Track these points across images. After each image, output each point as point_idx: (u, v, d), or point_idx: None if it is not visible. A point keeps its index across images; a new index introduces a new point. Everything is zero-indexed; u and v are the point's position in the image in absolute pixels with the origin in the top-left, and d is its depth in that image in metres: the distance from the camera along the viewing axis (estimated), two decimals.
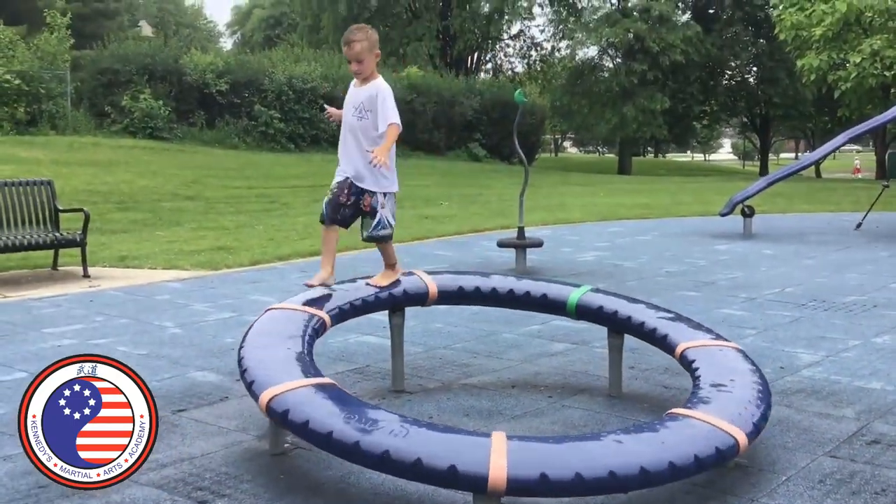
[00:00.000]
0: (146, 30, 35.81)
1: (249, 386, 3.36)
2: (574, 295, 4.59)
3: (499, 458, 2.77)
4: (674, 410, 3.37)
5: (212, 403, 4.30)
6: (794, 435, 3.88)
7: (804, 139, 63.32)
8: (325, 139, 26.09)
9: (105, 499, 3.10)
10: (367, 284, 4.44)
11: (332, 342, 5.58)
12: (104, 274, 8.52)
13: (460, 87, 31.60)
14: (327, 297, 4.20)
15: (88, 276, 8.27)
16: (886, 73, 25.78)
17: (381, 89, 4.26)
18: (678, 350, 4.06)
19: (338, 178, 4.36)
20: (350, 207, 4.35)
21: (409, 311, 4.82)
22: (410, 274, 4.65)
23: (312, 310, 4.01)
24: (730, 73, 44.47)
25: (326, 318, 4.02)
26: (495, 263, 9.17)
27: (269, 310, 4.03)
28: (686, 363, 3.97)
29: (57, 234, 8.41)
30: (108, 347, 5.43)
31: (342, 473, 3.39)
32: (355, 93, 4.38)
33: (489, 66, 46.86)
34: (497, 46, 46.01)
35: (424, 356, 5.35)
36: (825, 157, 15.06)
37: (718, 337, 4.19)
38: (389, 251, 4.50)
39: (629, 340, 4.55)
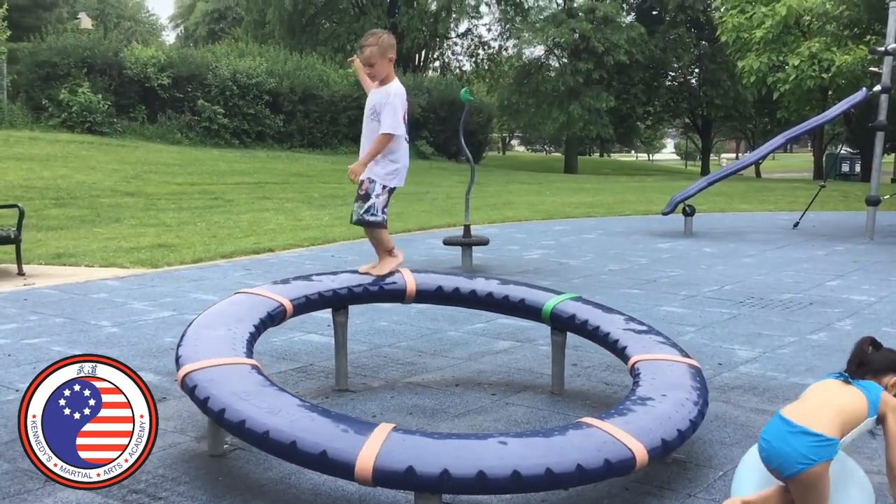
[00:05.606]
0: (85, 22, 34.84)
1: (176, 360, 3.41)
2: (549, 303, 4.50)
3: (371, 448, 2.77)
4: (584, 420, 3.18)
5: None
6: (732, 430, 3.95)
7: (745, 140, 64.61)
8: (271, 136, 25.78)
9: (37, 502, 3.02)
10: (363, 273, 4.55)
11: (276, 340, 5.52)
12: (39, 272, 8.31)
13: (408, 84, 31.43)
14: (303, 286, 4.29)
15: (23, 274, 8.06)
16: (824, 76, 26.49)
17: (390, 95, 4.43)
18: (630, 362, 3.87)
19: None
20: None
21: (354, 309, 4.79)
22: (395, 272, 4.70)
23: (275, 296, 4.08)
24: (672, 74, 45.16)
25: (288, 305, 4.07)
26: (441, 261, 9.18)
27: (237, 293, 4.15)
28: (633, 375, 3.77)
29: None
30: (42, 347, 5.29)
31: (283, 474, 3.35)
32: (371, 95, 4.56)
33: (437, 63, 46.87)
34: (445, 44, 46.05)
35: (369, 354, 5.32)
36: (764, 157, 15.40)
37: (684, 354, 3.95)
38: (383, 238, 4.61)
39: (572, 338, 4.58)
